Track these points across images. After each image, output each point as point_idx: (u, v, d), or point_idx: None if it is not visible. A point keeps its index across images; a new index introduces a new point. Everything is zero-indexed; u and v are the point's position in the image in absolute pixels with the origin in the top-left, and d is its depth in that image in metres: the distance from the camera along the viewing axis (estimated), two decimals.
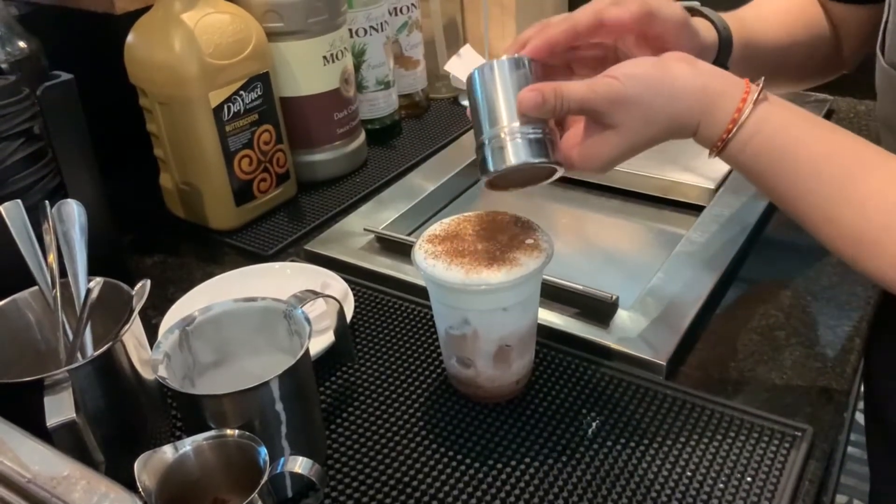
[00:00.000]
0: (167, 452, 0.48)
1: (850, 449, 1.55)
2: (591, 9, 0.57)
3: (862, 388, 0.88)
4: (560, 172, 0.56)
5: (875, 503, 0.90)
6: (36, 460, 0.37)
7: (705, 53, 0.62)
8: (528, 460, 0.58)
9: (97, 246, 0.61)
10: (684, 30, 0.59)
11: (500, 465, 0.57)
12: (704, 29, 0.63)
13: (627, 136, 0.54)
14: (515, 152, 0.53)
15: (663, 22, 0.57)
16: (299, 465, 0.49)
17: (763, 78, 0.53)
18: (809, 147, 0.52)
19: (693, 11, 0.64)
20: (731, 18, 0.66)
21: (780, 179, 0.53)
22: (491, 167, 0.54)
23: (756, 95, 0.52)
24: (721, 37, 0.64)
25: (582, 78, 0.55)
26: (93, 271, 0.58)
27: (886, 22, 0.62)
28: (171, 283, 0.81)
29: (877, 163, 0.51)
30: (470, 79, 0.56)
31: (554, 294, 0.71)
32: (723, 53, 0.64)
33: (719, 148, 0.54)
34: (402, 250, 0.80)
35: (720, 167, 0.91)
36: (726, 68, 0.59)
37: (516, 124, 0.53)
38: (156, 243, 0.89)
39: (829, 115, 1.04)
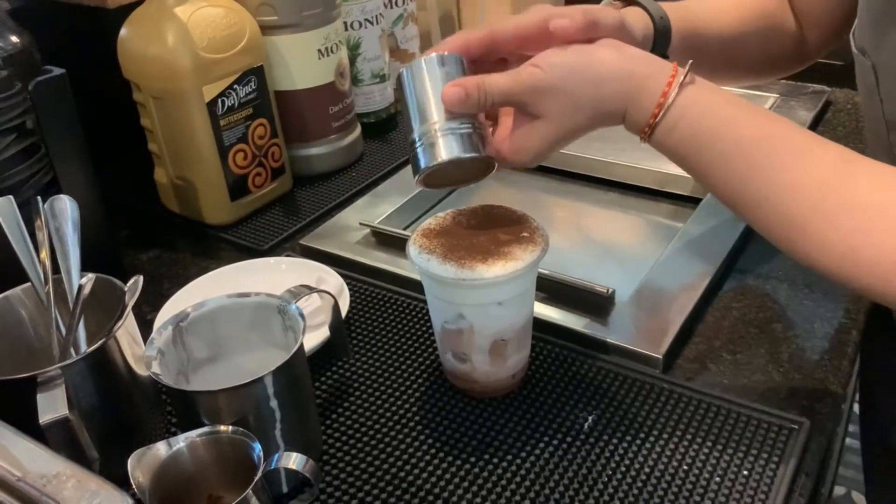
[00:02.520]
0: (161, 449, 0.48)
1: (848, 440, 1.55)
2: (533, 16, 0.55)
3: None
4: (496, 167, 0.55)
5: (870, 495, 0.90)
6: (26, 458, 0.37)
7: (640, 46, 0.60)
8: (524, 454, 0.57)
9: (91, 241, 0.61)
10: (620, 33, 0.58)
11: (496, 460, 0.57)
12: (639, 19, 0.62)
13: (554, 124, 0.53)
14: (447, 148, 0.53)
15: (603, 29, 0.56)
16: (293, 461, 0.48)
17: (690, 61, 0.53)
18: (737, 130, 0.51)
19: (629, 1, 0.63)
20: (674, 8, 0.65)
21: (708, 164, 0.52)
22: (422, 164, 0.53)
23: (682, 78, 0.52)
24: (657, 27, 0.63)
25: None
26: (87, 267, 0.58)
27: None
28: (166, 279, 0.81)
29: (805, 145, 0.51)
30: (399, 78, 0.56)
31: (550, 288, 0.70)
32: (659, 43, 0.63)
33: (647, 133, 0.53)
34: (397, 244, 0.80)
35: None
36: (666, 58, 0.58)
37: (445, 121, 0.53)
38: (150, 238, 0.88)
39: (826, 107, 1.04)
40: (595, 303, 0.69)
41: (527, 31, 0.56)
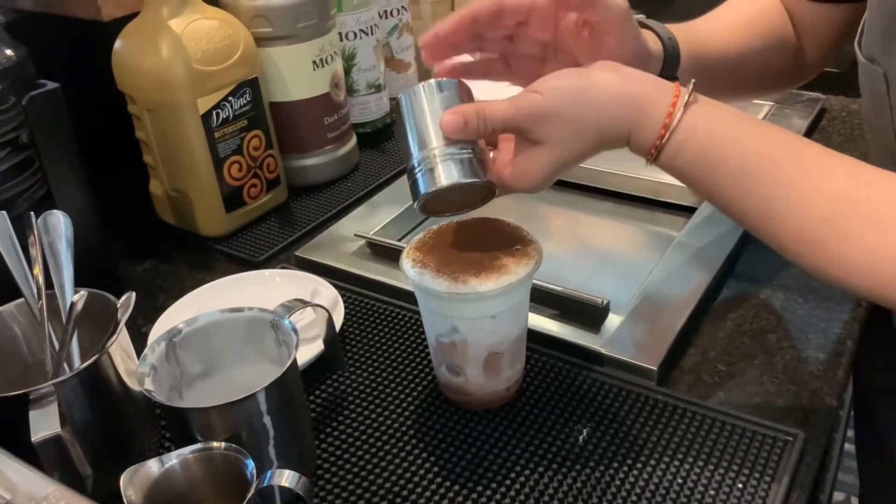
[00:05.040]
0: (153, 466, 0.47)
1: (847, 446, 1.55)
2: None
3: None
4: (496, 193, 0.55)
5: (865, 501, 0.90)
6: (16, 480, 0.37)
7: (650, 62, 0.61)
8: (519, 468, 0.57)
9: (86, 254, 0.61)
10: (626, 24, 0.57)
11: (490, 474, 0.57)
12: (649, 41, 0.61)
13: (557, 150, 0.52)
14: (446, 173, 0.52)
15: (605, 9, 0.55)
16: (286, 478, 0.48)
17: (693, 80, 0.52)
18: (745, 147, 0.51)
19: (640, 25, 0.63)
20: (680, 30, 0.65)
21: (717, 182, 0.51)
22: (422, 190, 0.52)
23: (686, 98, 0.51)
24: (666, 48, 0.62)
25: (520, 75, 0.56)
26: (82, 279, 0.58)
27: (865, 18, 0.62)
28: (162, 291, 0.81)
29: (813, 159, 0.50)
30: (398, 104, 0.55)
31: (544, 299, 0.70)
32: (669, 65, 0.63)
33: (654, 156, 0.52)
34: (393, 256, 0.79)
35: None
36: (675, 79, 0.58)
37: (444, 146, 0.52)
38: (146, 251, 0.88)
39: (821, 115, 1.04)
40: (590, 314, 0.69)
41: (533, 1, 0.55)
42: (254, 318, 0.57)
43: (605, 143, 0.53)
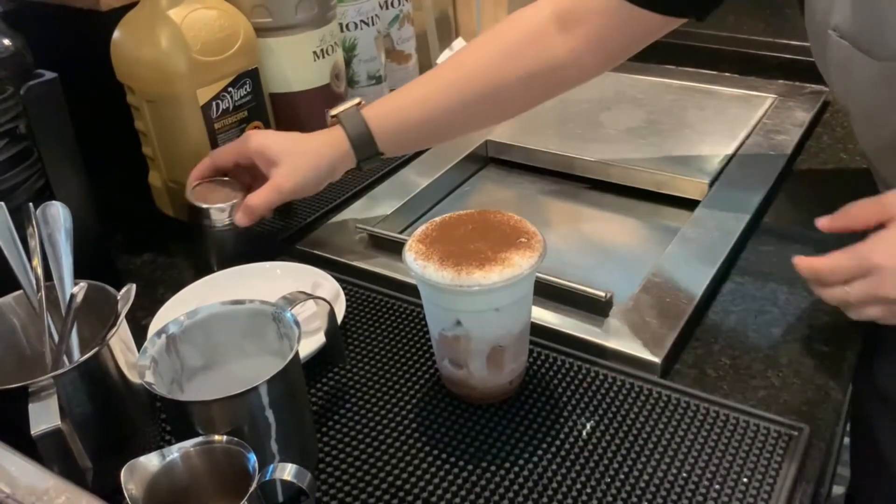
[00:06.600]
0: (154, 460, 0.47)
1: (846, 440, 1.55)
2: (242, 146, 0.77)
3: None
4: None
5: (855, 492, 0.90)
6: (16, 474, 0.36)
7: (336, 165, 0.77)
8: (522, 462, 0.57)
9: (85, 246, 0.60)
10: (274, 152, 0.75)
11: (493, 467, 0.57)
12: (337, 141, 0.77)
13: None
14: None
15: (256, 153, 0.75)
16: (288, 472, 0.48)
17: None
18: None
19: (334, 118, 0.78)
20: (396, 98, 0.78)
21: None
22: None
23: None
24: (353, 142, 0.77)
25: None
26: (81, 272, 0.57)
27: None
28: (161, 283, 0.80)
29: None
30: None
31: (548, 292, 0.70)
32: (363, 151, 0.77)
33: None
34: (394, 248, 0.79)
35: (715, 161, 0.90)
36: (380, 154, 0.77)
37: None
38: (145, 242, 0.88)
39: (824, 107, 1.03)
40: (593, 307, 0.69)
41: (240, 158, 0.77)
42: (255, 311, 0.56)
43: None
